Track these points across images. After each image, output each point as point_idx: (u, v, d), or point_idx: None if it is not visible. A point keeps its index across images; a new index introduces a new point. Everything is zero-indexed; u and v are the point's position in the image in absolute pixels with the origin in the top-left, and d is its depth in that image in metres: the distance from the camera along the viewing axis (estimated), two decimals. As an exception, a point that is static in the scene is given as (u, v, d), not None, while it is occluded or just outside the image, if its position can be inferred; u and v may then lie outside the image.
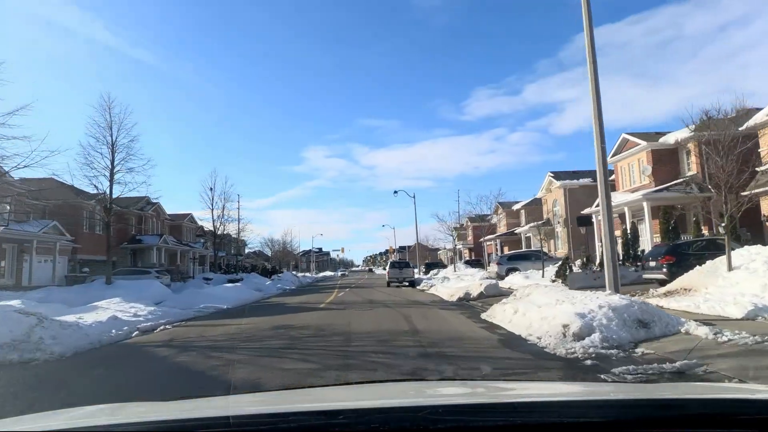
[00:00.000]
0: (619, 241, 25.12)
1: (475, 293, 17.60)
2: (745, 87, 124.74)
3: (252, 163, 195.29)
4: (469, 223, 61.98)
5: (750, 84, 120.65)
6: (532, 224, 37.20)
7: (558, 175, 34.92)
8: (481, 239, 53.72)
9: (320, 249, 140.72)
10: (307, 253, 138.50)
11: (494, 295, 17.46)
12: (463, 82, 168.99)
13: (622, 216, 25.80)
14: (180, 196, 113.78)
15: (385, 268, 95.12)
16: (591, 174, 35.56)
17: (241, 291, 23.58)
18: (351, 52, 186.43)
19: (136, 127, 25.82)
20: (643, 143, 22.97)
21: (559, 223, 33.55)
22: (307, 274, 76.87)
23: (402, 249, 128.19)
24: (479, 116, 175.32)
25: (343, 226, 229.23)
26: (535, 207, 44.60)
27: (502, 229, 49.34)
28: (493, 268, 26.70)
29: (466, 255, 67.85)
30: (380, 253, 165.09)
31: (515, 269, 25.79)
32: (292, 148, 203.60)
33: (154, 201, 40.54)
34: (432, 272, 46.36)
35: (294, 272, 78.57)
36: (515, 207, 46.97)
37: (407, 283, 30.66)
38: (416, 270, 46.30)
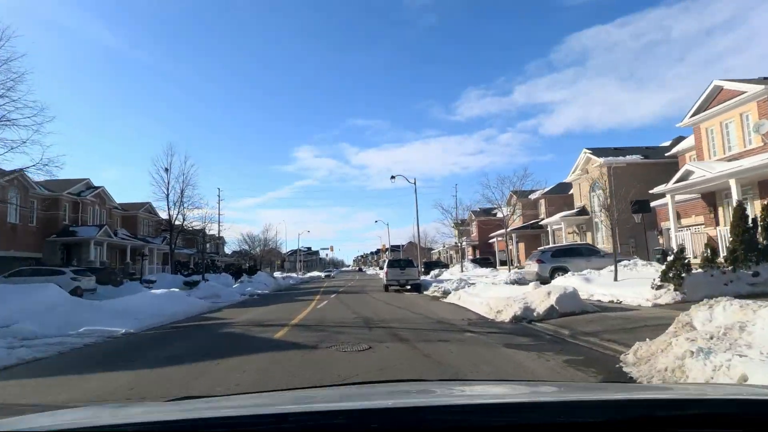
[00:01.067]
0: (717, 229, 18.28)
1: (540, 308, 10.54)
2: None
3: (242, 162, 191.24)
4: (473, 218, 55.13)
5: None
6: (564, 213, 30.27)
7: (599, 152, 27.98)
8: (491, 235, 46.81)
9: (309, 248, 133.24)
10: (294, 252, 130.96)
11: (573, 311, 10.45)
12: (454, 83, 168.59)
13: (711, 195, 18.92)
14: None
15: (380, 268, 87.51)
16: (638, 151, 28.77)
17: (177, 300, 16.30)
18: (341, 52, 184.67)
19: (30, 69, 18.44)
20: (755, 89, 16.09)
21: (601, 210, 26.60)
22: (293, 275, 69.45)
23: (395, 248, 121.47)
24: (469, 117, 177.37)
25: (333, 226, 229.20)
26: (557, 196, 37.80)
27: (516, 222, 42.43)
28: (531, 267, 19.66)
29: (469, 253, 60.97)
30: (371, 253, 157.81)
31: (562, 269, 18.79)
32: (283, 147, 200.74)
33: (97, 185, 33.02)
34: (433, 273, 39.22)
35: (278, 272, 70.95)
36: (533, 196, 40.04)
37: (409, 287, 23.64)
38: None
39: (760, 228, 12.12)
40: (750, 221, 12.04)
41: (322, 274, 71.53)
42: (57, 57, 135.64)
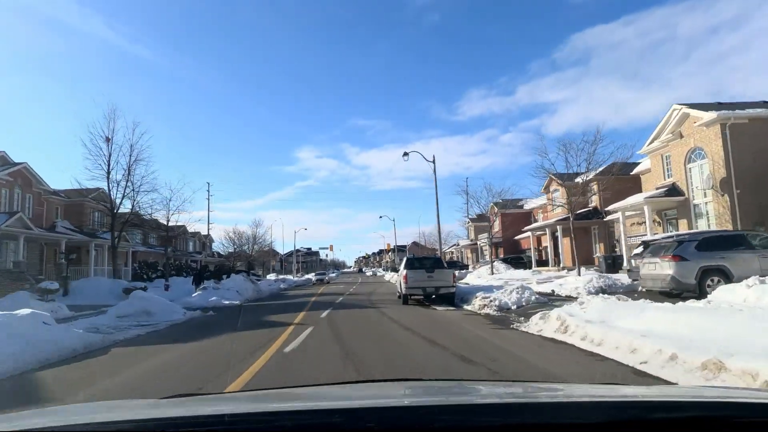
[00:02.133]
0: None
1: None
2: (735, 90, 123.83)
3: (243, 163, 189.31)
4: (495, 210, 46.99)
5: (739, 87, 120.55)
6: (649, 194, 22.33)
7: (701, 107, 20.05)
8: (525, 228, 38.89)
9: (309, 249, 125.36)
10: (292, 253, 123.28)
11: None
12: (456, 83, 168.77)
13: None
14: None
15: (388, 269, 79.40)
16: (755, 105, 20.82)
17: (15, 334, 8.44)
18: (343, 52, 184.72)
19: None
20: None
21: (713, 187, 18.62)
22: (288, 277, 61.50)
23: (401, 248, 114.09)
24: (471, 116, 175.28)
25: (335, 227, 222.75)
26: (615, 179, 29.82)
27: (558, 212, 34.53)
28: (657, 267, 11.63)
29: (491, 253, 53.00)
30: (374, 253, 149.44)
31: (720, 271, 10.88)
32: (284, 148, 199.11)
33: (18, 161, 25.23)
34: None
35: (272, 275, 62.99)
36: (580, 179, 32.07)
37: (434, 297, 15.99)
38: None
39: None
40: None
41: (313, 277, 56.00)
42: (56, 55, 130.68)
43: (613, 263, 23.33)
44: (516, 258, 38.46)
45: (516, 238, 44.81)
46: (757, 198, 17.29)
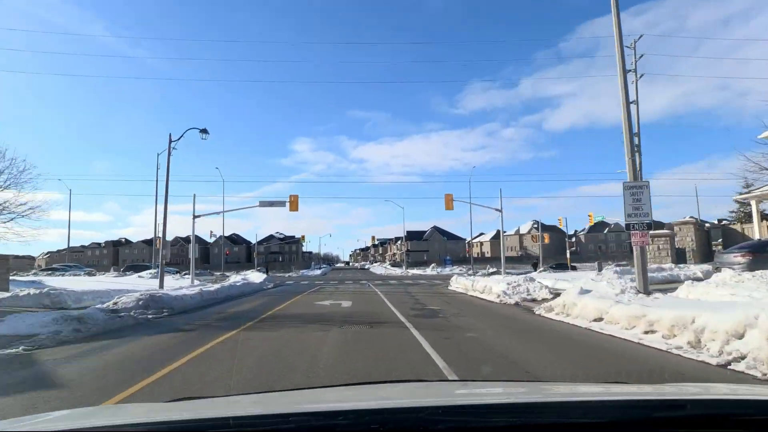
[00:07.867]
0: None
1: None
2: (743, 84, 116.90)
3: (239, 155, 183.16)
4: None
5: (748, 82, 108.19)
6: None
7: None
8: None
9: (293, 236, 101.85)
10: (268, 240, 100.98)
11: None
12: (458, 74, 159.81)
13: None
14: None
15: (403, 264, 56.05)
16: None
17: None
18: (341, 41, 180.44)
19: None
20: None
21: None
22: (245, 278, 36.96)
23: (416, 235, 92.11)
24: (472, 110, 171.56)
25: (329, 222, 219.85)
26: None
27: None
28: None
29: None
30: (376, 245, 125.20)
31: None
32: (280, 140, 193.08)
33: None
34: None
35: (140, 274, 39.39)
36: None
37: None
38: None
39: None
40: None
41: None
42: (53, 55, 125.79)
43: None
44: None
45: None
46: None
